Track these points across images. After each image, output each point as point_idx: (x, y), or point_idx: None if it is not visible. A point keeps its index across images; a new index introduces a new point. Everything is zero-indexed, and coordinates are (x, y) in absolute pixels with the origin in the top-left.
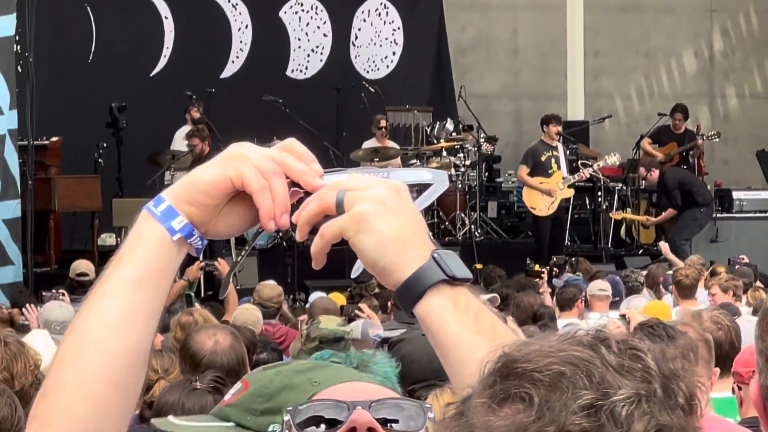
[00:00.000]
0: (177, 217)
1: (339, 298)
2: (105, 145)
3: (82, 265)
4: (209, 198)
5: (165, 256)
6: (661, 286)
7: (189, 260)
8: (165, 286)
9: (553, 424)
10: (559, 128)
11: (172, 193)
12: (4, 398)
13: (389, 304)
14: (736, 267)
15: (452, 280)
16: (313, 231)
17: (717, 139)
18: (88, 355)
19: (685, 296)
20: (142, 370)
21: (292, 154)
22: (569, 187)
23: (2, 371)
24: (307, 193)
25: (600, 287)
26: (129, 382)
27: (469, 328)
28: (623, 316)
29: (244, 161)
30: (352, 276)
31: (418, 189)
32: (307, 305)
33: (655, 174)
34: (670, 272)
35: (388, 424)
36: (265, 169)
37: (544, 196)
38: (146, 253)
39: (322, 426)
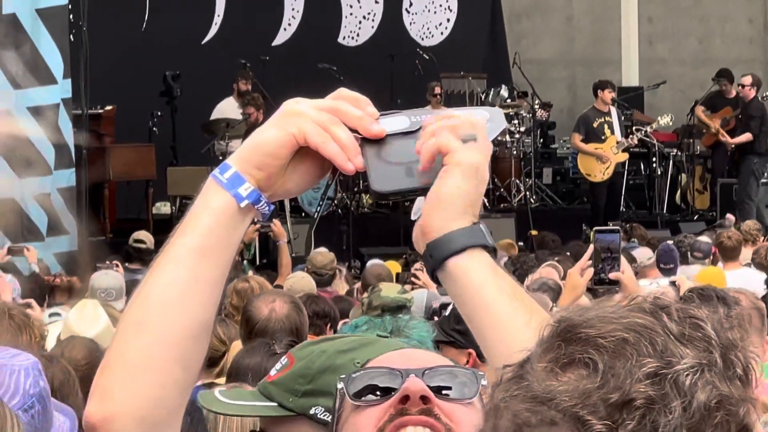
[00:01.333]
0: (244, 183)
1: (394, 266)
2: (159, 113)
3: (141, 234)
4: (276, 158)
5: (231, 224)
6: (689, 252)
7: None
8: (230, 255)
9: (618, 391)
10: (613, 94)
11: (238, 158)
12: (60, 365)
13: None
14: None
15: (492, 251)
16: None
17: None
18: (152, 326)
19: (728, 258)
20: (206, 341)
21: (346, 101)
22: (623, 151)
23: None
24: (366, 139)
25: (648, 256)
26: (191, 354)
27: (507, 294)
28: (673, 283)
29: (303, 117)
30: (413, 217)
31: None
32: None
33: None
34: (705, 238)
35: (442, 392)
36: (324, 120)
37: (599, 162)
38: (212, 221)
39: (376, 393)
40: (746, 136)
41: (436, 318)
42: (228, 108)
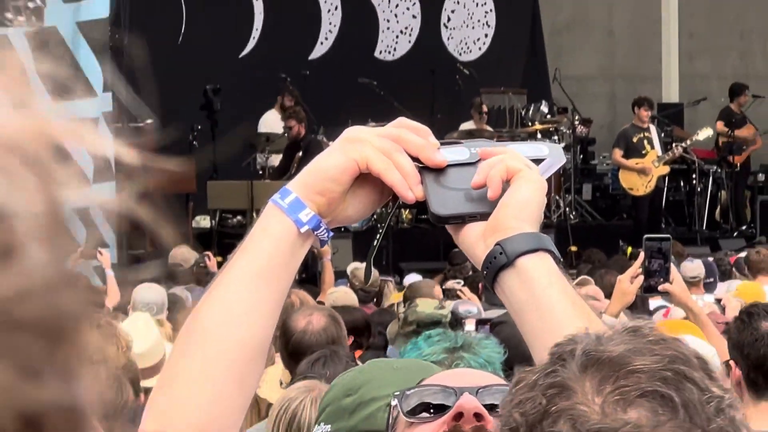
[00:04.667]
0: (304, 209)
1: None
2: (199, 127)
3: (178, 255)
4: (337, 184)
5: (290, 249)
6: (733, 269)
7: None
8: (288, 279)
9: (698, 428)
10: (650, 112)
11: (299, 184)
12: (112, 381)
13: (480, 285)
14: None
15: (558, 261)
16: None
17: None
18: (211, 346)
19: (758, 274)
20: (262, 362)
21: (408, 130)
22: (665, 164)
23: (95, 355)
24: (425, 167)
25: (691, 274)
26: (248, 374)
27: (570, 299)
28: (719, 301)
29: (365, 143)
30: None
31: (534, 163)
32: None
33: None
34: (743, 254)
35: (496, 409)
36: (386, 148)
37: (641, 176)
38: (272, 246)
39: (430, 411)
40: None
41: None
42: (271, 120)
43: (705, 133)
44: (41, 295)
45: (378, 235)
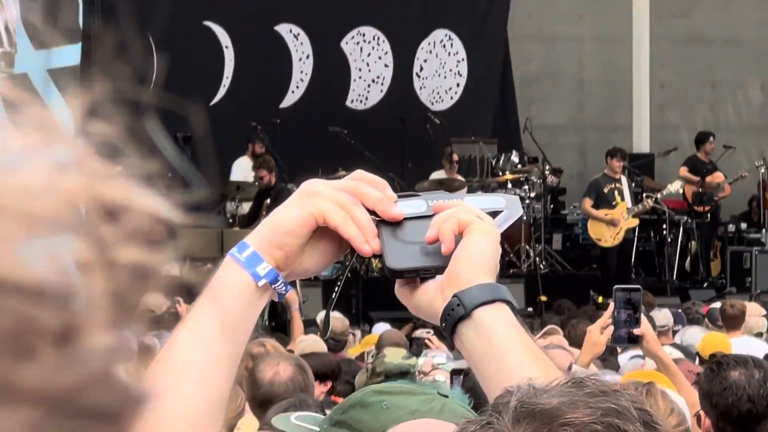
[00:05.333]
0: (262, 263)
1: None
2: (169, 174)
3: (150, 301)
4: (295, 238)
5: (248, 303)
6: (705, 318)
7: None
8: (246, 332)
9: None
10: (623, 163)
11: (257, 237)
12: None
13: None
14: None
15: (516, 311)
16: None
17: (764, 169)
18: (167, 401)
19: (731, 327)
20: (220, 417)
21: (364, 183)
22: (634, 216)
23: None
24: (383, 220)
25: (661, 323)
26: (206, 430)
27: (528, 349)
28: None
29: (322, 197)
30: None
31: (491, 215)
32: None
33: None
34: (717, 305)
35: None
36: (343, 201)
37: (610, 227)
38: (229, 300)
39: None
40: None
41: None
42: (242, 168)
43: (675, 186)
44: (104, 383)
45: (336, 288)
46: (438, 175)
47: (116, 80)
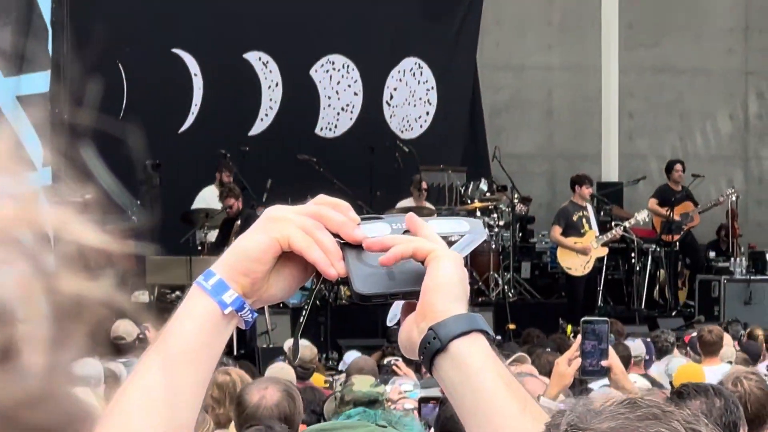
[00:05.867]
0: (228, 290)
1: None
2: (138, 202)
3: (120, 328)
4: (261, 264)
5: (215, 331)
6: (687, 348)
7: None
8: (213, 361)
9: None
10: (591, 190)
11: (222, 265)
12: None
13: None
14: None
15: (491, 339)
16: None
17: (734, 197)
18: (132, 429)
19: (709, 353)
20: None
21: (327, 207)
22: (603, 245)
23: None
24: (348, 244)
25: (633, 354)
26: None
27: (504, 380)
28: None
29: (286, 222)
30: (388, 324)
31: (455, 239)
32: (341, 364)
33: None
34: (695, 333)
35: None
36: (307, 225)
37: (579, 256)
38: (195, 328)
39: None
40: None
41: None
42: (210, 195)
43: (642, 215)
44: (45, 401)
45: (303, 313)
46: (406, 203)
47: (82, 108)
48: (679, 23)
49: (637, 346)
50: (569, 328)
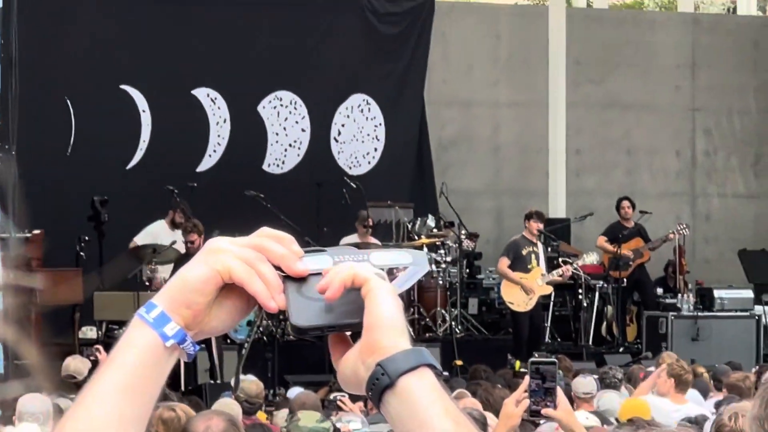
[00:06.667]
0: (169, 322)
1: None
2: (87, 238)
3: (71, 366)
4: (202, 296)
5: (156, 363)
6: (641, 382)
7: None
8: (154, 393)
9: None
10: (540, 225)
11: (164, 297)
12: None
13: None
14: None
15: (438, 373)
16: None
17: (687, 232)
18: None
19: (681, 390)
20: None
21: (269, 239)
22: (548, 284)
23: None
24: (289, 276)
25: (584, 390)
26: None
27: (452, 416)
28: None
29: (227, 254)
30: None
31: (397, 271)
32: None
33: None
34: (652, 368)
35: None
36: (249, 257)
37: (523, 292)
38: (137, 360)
39: None
40: None
41: None
42: (158, 231)
43: (591, 258)
44: None
45: (245, 345)
46: (351, 239)
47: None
48: (627, 59)
49: (588, 383)
50: (518, 363)
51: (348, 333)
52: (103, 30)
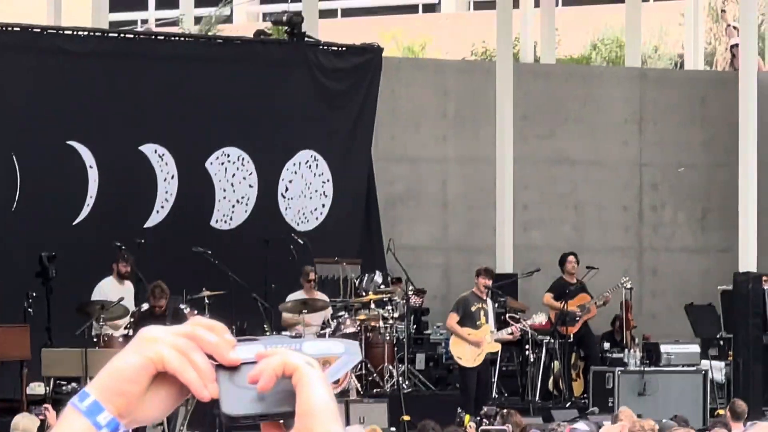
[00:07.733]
0: (102, 412)
1: None
2: (34, 294)
3: (20, 424)
4: (135, 384)
5: None
6: None
7: None
8: None
9: None
10: (489, 282)
11: (97, 386)
12: None
13: None
14: None
15: None
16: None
17: (628, 285)
18: None
19: None
20: None
21: (202, 328)
22: (496, 341)
23: None
24: (221, 365)
25: None
26: None
27: None
28: None
29: (160, 342)
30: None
31: (329, 359)
32: None
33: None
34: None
35: None
36: (182, 346)
37: (471, 347)
38: None
39: None
40: None
41: None
42: (107, 287)
43: (540, 318)
44: None
45: (190, 399)
46: (297, 295)
47: None
48: (574, 114)
49: None
50: (467, 418)
51: (281, 421)
52: (49, 85)
